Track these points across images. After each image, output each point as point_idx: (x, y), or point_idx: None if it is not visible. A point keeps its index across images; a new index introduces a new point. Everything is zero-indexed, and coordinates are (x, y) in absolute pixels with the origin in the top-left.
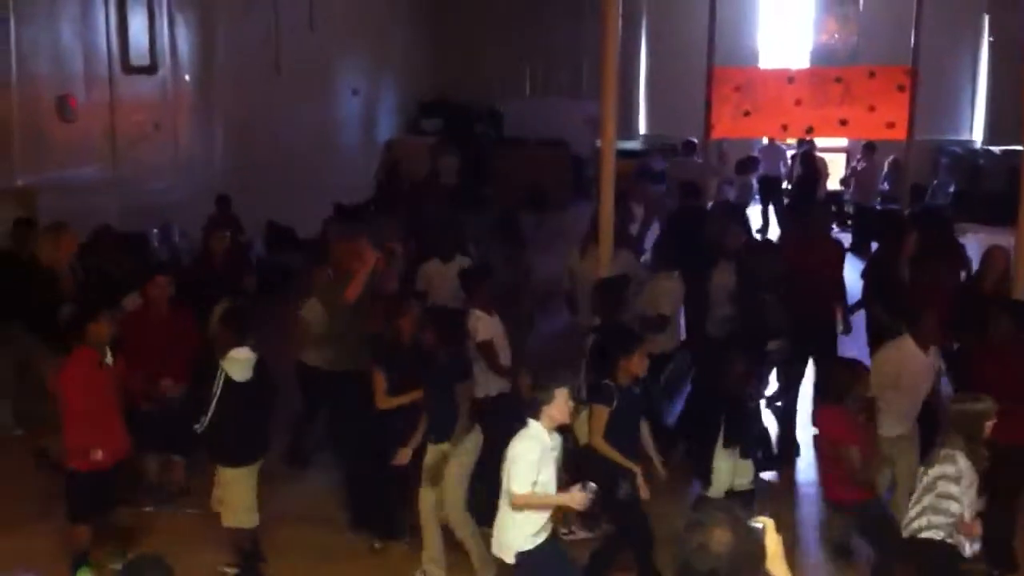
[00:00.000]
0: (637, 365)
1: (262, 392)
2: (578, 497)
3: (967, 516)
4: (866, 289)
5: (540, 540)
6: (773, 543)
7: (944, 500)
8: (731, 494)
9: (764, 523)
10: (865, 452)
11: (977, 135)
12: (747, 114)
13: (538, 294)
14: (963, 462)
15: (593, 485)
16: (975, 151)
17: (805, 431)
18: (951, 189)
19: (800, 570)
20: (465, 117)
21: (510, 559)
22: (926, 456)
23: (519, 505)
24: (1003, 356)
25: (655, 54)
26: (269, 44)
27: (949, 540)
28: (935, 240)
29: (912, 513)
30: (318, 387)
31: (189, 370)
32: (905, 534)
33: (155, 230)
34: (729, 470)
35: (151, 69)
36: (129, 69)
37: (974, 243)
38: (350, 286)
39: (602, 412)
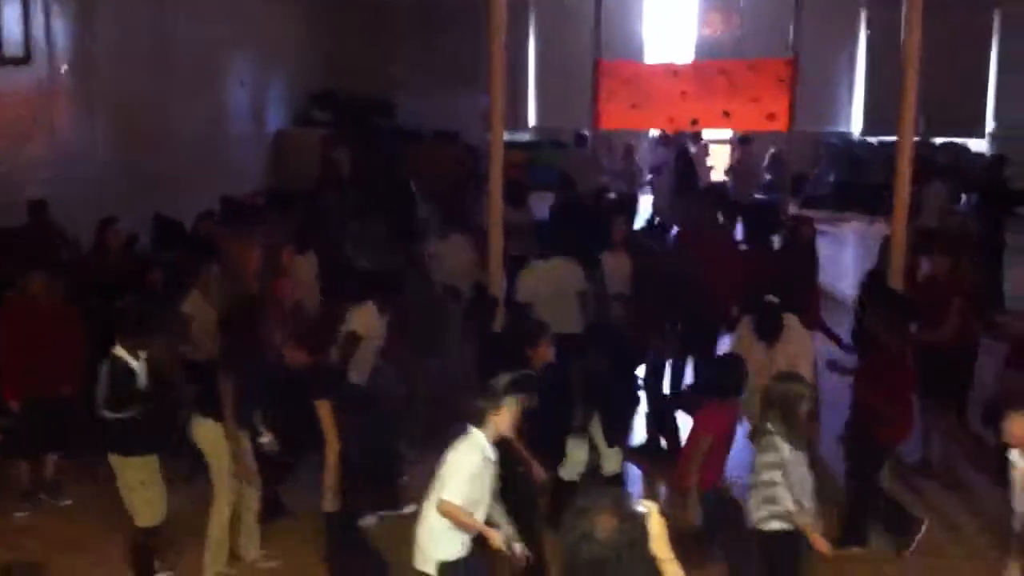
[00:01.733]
0: (545, 353)
1: (159, 386)
2: (498, 539)
3: (791, 504)
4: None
5: (465, 552)
6: (657, 526)
7: (770, 488)
8: (602, 480)
9: (648, 507)
10: (721, 447)
11: (856, 126)
12: (634, 106)
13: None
14: (784, 448)
15: (519, 548)
16: (853, 142)
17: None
18: (830, 179)
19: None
20: (356, 108)
21: (431, 570)
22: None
23: (444, 512)
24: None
25: (543, 46)
26: (153, 33)
27: (789, 527)
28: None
29: (751, 505)
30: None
31: (76, 370)
32: (749, 523)
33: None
34: (581, 456)
35: (25, 60)
36: (2, 60)
37: (853, 233)
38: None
39: (517, 404)
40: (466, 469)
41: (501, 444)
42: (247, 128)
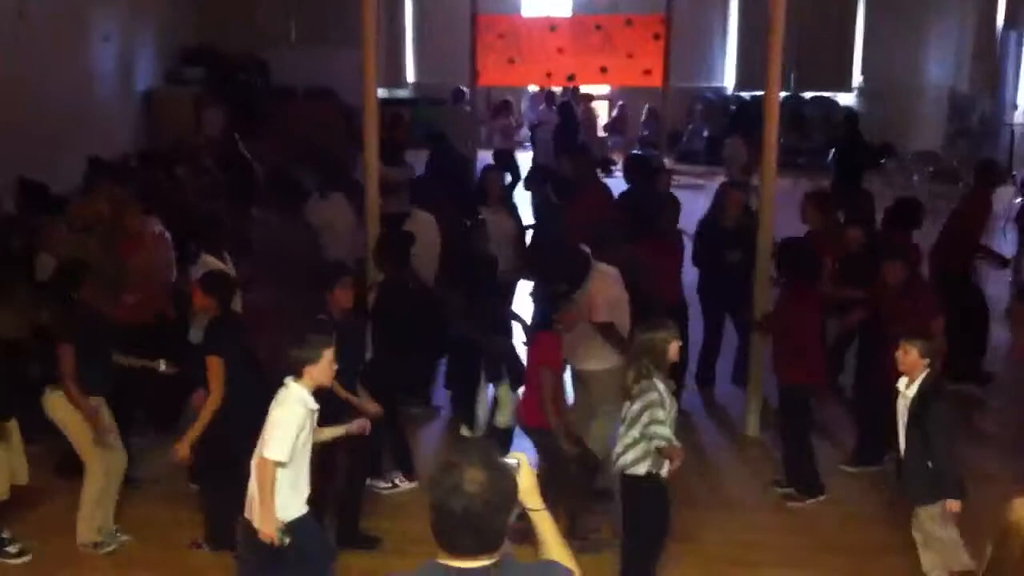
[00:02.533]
0: (342, 297)
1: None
2: (270, 530)
3: (675, 441)
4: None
5: (305, 510)
6: (527, 478)
7: (655, 426)
8: (492, 432)
9: (518, 459)
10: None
11: (729, 82)
12: (512, 62)
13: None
14: (662, 386)
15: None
16: (727, 97)
17: None
18: (705, 134)
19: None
20: (229, 66)
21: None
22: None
23: (260, 470)
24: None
25: (422, 1)
26: None
27: (654, 471)
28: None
29: (619, 448)
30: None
31: None
32: (615, 470)
33: None
34: (484, 408)
35: None
36: None
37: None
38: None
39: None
40: (292, 422)
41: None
42: (114, 87)
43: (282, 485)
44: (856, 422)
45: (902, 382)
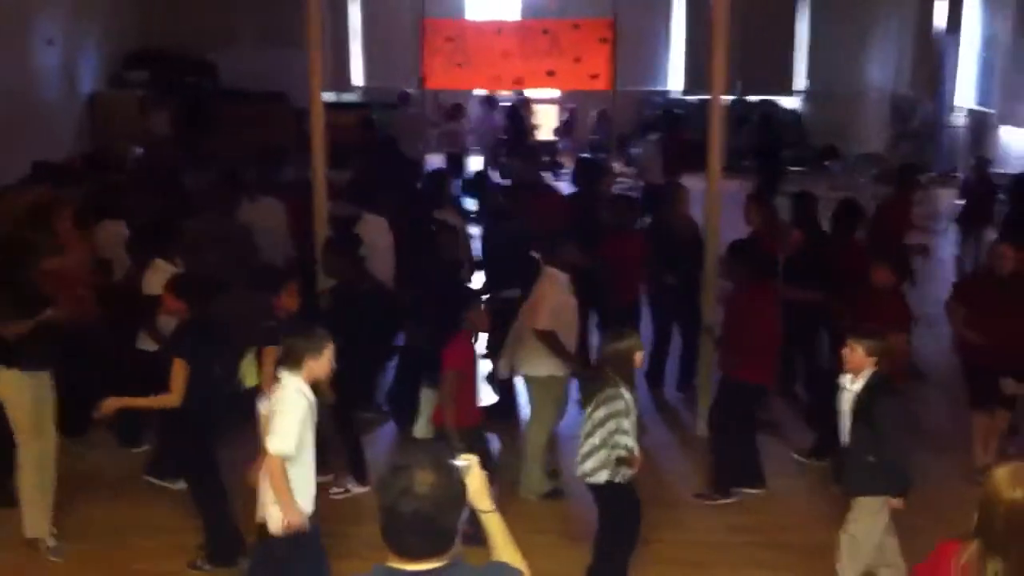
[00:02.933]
0: (288, 300)
1: None
2: (296, 519)
3: (636, 449)
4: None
5: (312, 510)
6: (476, 479)
7: (619, 436)
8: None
9: (468, 461)
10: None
11: (676, 85)
12: (460, 65)
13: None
14: (628, 396)
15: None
16: (675, 101)
17: None
18: (653, 137)
19: (521, 504)
20: (175, 68)
21: (276, 528)
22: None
23: (271, 465)
24: (734, 299)
25: (369, 5)
26: None
27: (614, 479)
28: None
29: (580, 455)
30: None
31: None
32: (577, 474)
33: None
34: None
35: None
36: None
37: None
38: None
39: (274, 352)
40: (295, 414)
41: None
42: (58, 90)
43: (298, 477)
44: (815, 418)
45: (846, 378)
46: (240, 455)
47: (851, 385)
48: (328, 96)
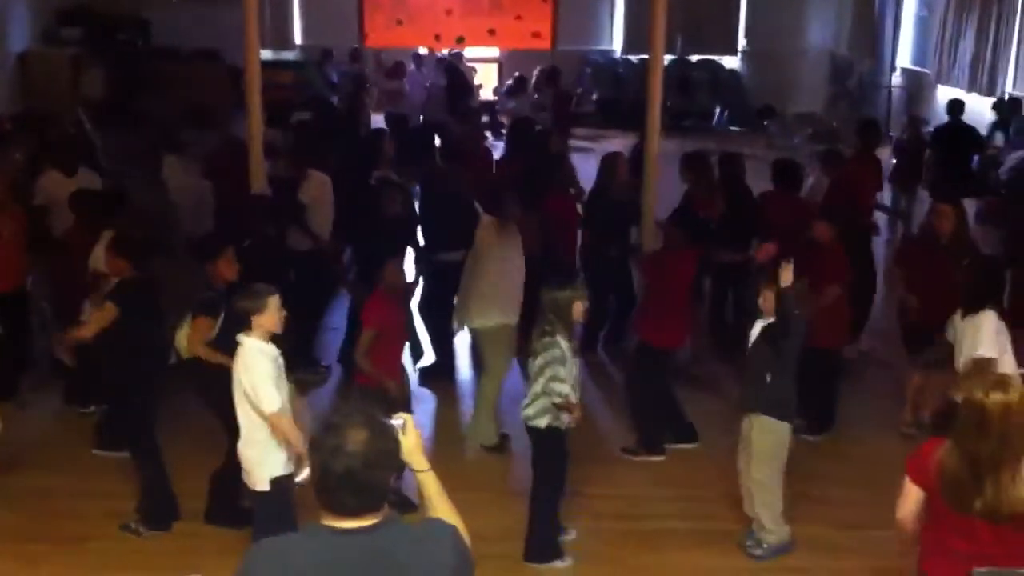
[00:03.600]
0: (225, 269)
1: None
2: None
3: (573, 397)
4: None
5: (291, 469)
6: (412, 437)
7: (554, 383)
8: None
9: (404, 419)
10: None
11: (617, 45)
12: (400, 23)
13: None
14: (564, 344)
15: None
16: (615, 60)
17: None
18: (594, 97)
19: (457, 463)
20: (108, 25)
21: (264, 486)
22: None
23: (275, 425)
24: (661, 263)
25: None
26: None
27: (554, 424)
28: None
29: (524, 402)
30: None
31: None
32: (521, 417)
33: None
34: None
35: None
36: None
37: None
38: None
39: (204, 322)
40: (265, 373)
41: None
42: None
43: (274, 441)
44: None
45: (759, 324)
46: (179, 425)
47: (758, 326)
48: (266, 54)
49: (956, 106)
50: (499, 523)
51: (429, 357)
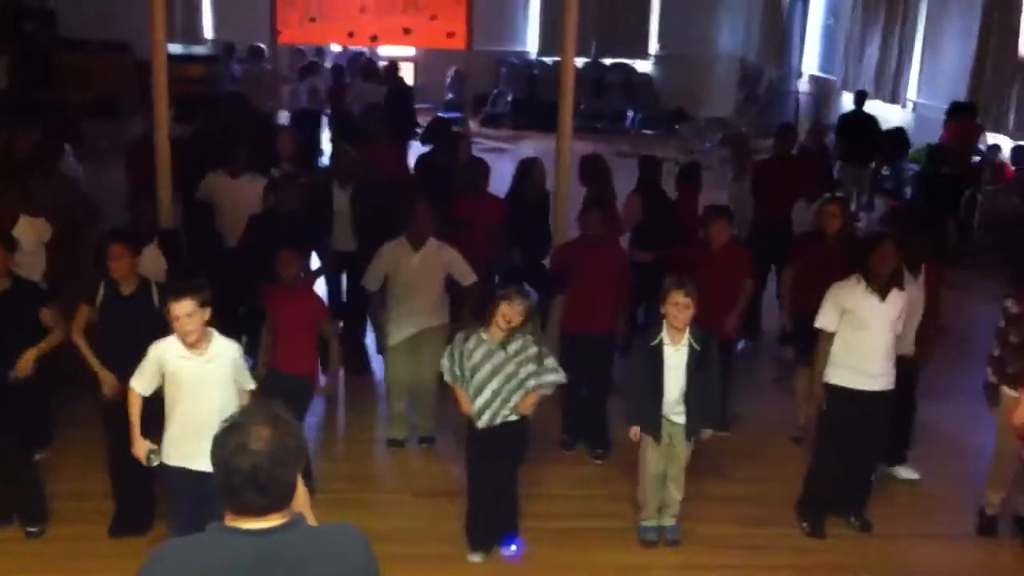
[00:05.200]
0: (114, 267)
1: None
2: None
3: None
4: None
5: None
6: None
7: (529, 379)
8: None
9: None
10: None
11: (532, 47)
12: (313, 20)
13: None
14: (470, 343)
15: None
16: (531, 61)
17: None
18: (510, 98)
19: (367, 463)
20: (11, 14)
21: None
22: None
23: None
24: (585, 253)
25: None
26: None
27: (519, 417)
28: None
29: (505, 402)
30: None
31: None
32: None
33: None
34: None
35: None
36: None
37: (529, 148)
38: None
39: (83, 309)
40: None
41: None
42: None
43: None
44: None
45: (679, 335)
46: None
47: (681, 344)
48: (176, 48)
49: (861, 96)
50: (412, 523)
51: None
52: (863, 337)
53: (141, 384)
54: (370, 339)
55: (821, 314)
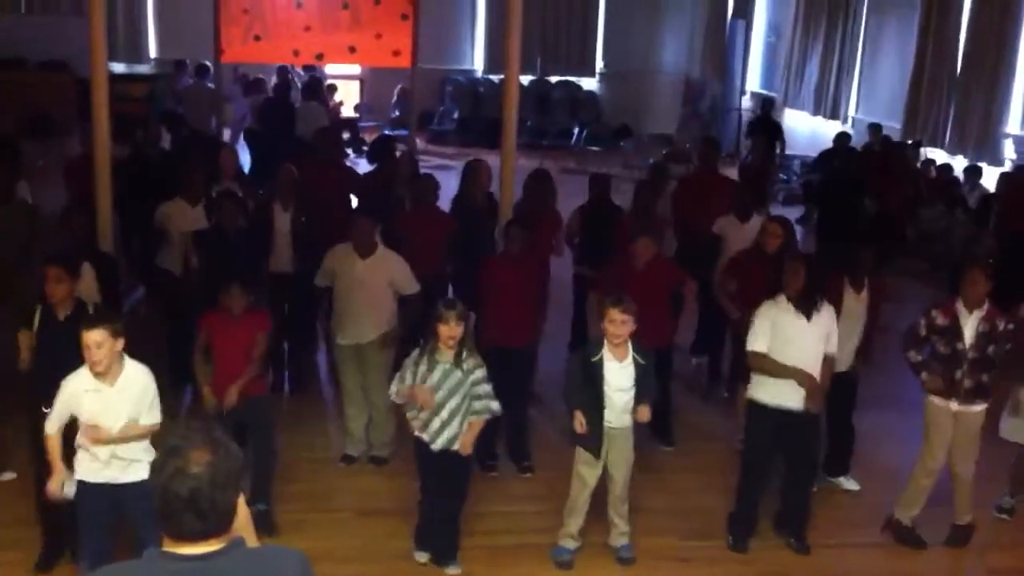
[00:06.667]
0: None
1: None
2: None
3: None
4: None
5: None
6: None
7: (482, 400)
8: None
9: None
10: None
11: (478, 64)
12: (257, 38)
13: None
14: (410, 359)
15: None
16: (476, 79)
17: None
18: (455, 115)
19: (316, 483)
20: None
21: None
22: None
23: None
24: (511, 264)
25: None
26: None
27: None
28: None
29: (459, 423)
30: None
31: None
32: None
33: None
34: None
35: None
36: None
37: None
38: None
39: (23, 335)
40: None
41: None
42: None
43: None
44: None
45: (622, 351)
46: None
47: (628, 359)
48: (119, 67)
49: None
50: (362, 542)
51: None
52: (787, 355)
53: (55, 427)
54: (322, 358)
55: (751, 335)
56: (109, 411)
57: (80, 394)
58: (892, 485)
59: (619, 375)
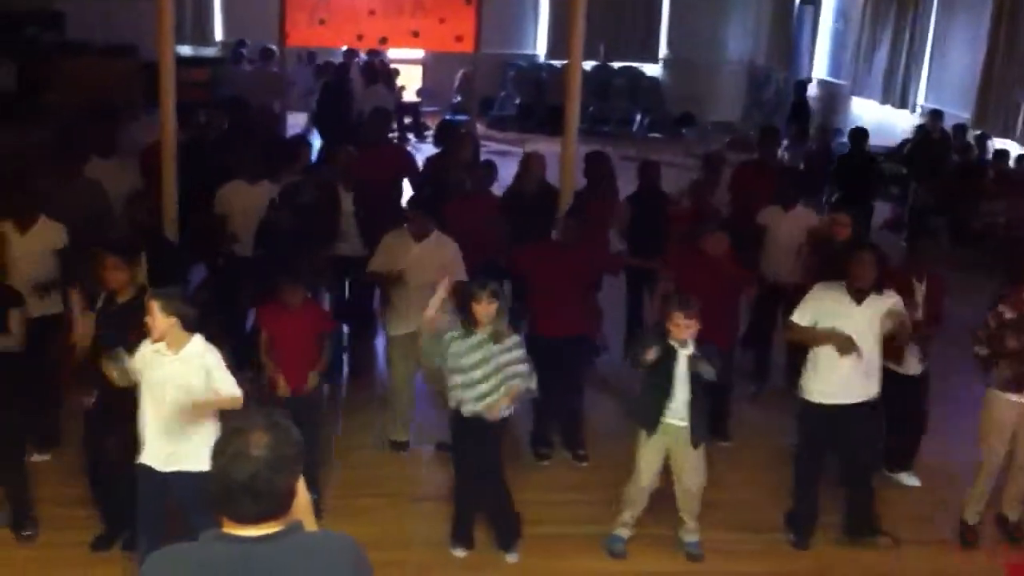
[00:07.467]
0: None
1: None
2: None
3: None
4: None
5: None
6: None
7: (517, 375)
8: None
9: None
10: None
11: (540, 50)
12: (322, 22)
13: None
14: (455, 342)
15: None
16: (538, 65)
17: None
18: (517, 101)
19: (355, 469)
20: (17, 19)
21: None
22: None
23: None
24: (558, 255)
25: None
26: None
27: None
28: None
29: (495, 397)
30: None
31: None
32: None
33: None
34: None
35: None
36: None
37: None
38: None
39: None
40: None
41: None
42: None
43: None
44: None
45: (683, 342)
46: None
47: (684, 349)
48: (186, 50)
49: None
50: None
51: None
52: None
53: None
54: (380, 343)
55: (799, 309)
56: (168, 380)
57: (144, 351)
58: (945, 482)
59: (682, 364)
